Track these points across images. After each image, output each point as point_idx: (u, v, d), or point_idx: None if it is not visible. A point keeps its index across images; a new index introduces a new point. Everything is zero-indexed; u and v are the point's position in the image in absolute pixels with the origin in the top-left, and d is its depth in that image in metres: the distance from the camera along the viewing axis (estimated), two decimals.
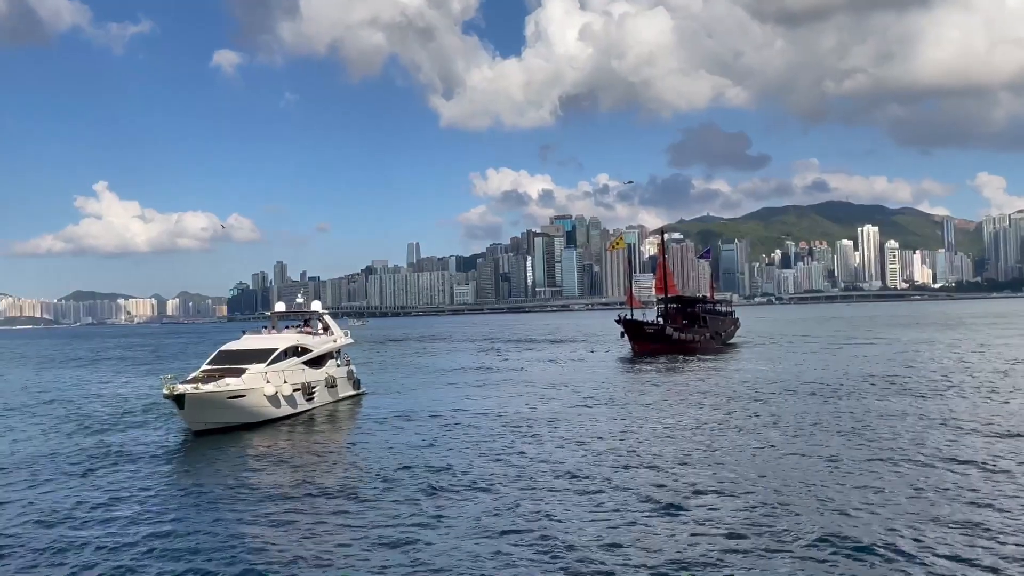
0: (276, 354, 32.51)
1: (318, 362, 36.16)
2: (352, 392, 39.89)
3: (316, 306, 42.73)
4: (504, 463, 22.57)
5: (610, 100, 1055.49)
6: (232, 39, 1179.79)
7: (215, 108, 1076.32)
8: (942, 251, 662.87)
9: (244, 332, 36.96)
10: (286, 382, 31.75)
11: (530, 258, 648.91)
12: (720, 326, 78.30)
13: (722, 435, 26.03)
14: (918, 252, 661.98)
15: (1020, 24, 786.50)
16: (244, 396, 29.84)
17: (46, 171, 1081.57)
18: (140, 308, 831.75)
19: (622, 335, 67.11)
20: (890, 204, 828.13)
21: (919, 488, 18.29)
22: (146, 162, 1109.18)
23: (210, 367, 31.70)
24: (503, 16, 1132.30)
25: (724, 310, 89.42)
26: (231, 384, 29.67)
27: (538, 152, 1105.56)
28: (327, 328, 40.66)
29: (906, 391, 35.87)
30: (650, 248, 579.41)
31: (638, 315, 70.14)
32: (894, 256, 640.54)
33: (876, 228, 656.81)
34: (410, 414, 33.44)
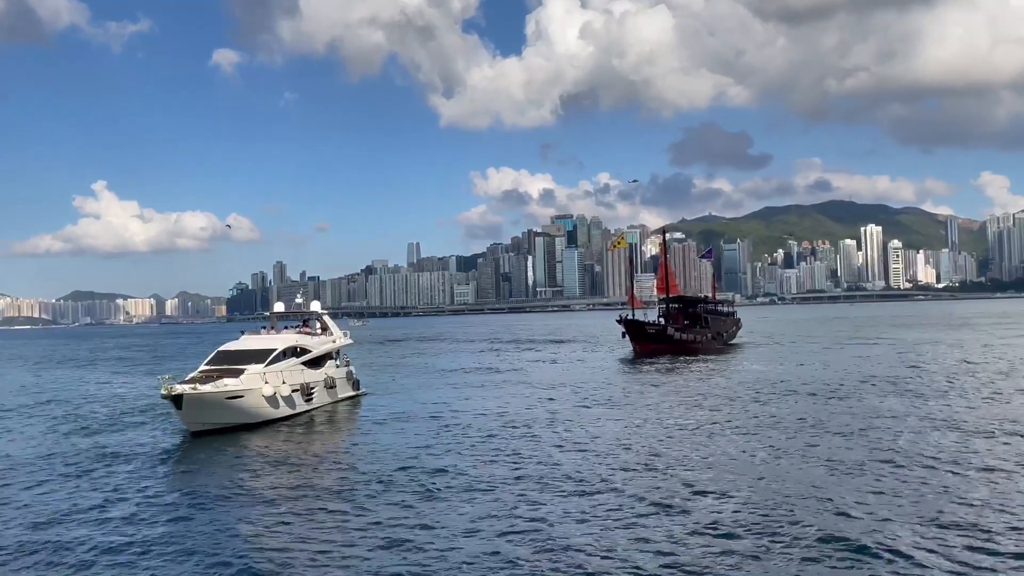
0: (275, 355, 32.41)
1: (317, 363, 36.03)
2: (351, 393, 39.74)
3: (315, 306, 42.67)
4: (504, 464, 22.44)
5: (611, 99, 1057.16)
6: (231, 38, 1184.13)
7: (214, 107, 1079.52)
8: (946, 251, 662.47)
9: (243, 332, 36.88)
10: (284, 383, 31.63)
11: (531, 258, 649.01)
12: (722, 326, 78.15)
13: (723, 436, 25.88)
14: (921, 252, 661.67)
15: (1022, 22, 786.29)
16: (242, 397, 29.73)
17: (44, 170, 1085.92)
18: (139, 308, 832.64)
19: (623, 335, 66.90)
20: (893, 203, 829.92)
21: (919, 489, 18.15)
22: (145, 162, 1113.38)
23: (208, 367, 31.61)
24: (503, 15, 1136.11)
25: (726, 310, 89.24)
26: (229, 385, 29.56)
27: (539, 151, 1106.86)
28: (326, 328, 40.55)
29: (908, 392, 35.67)
30: (652, 248, 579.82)
31: (639, 315, 69.92)
32: (897, 256, 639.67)
33: (879, 228, 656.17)
34: (410, 415, 33.32)
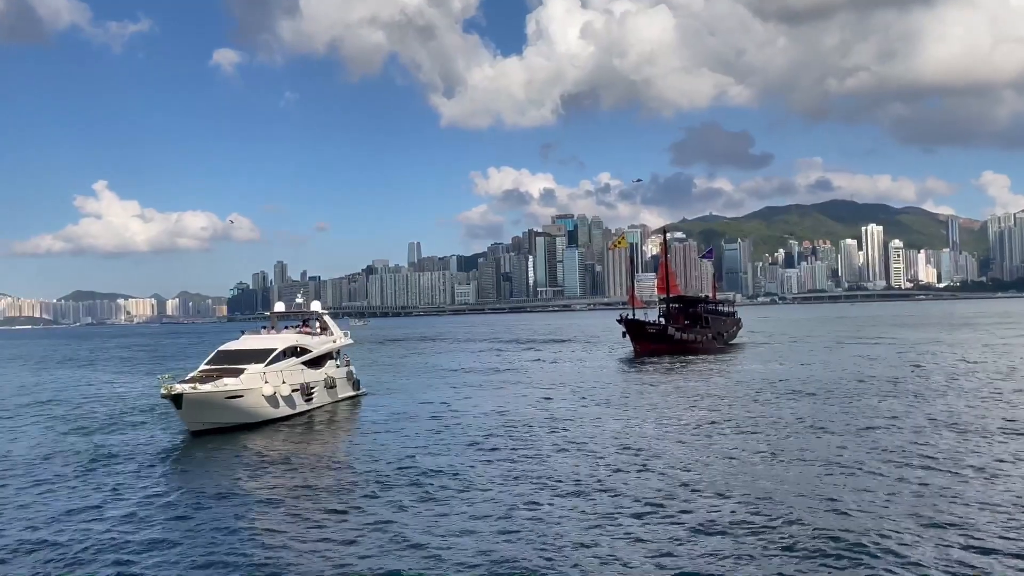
0: (275, 354, 32.41)
1: (317, 362, 36.03)
2: (351, 393, 39.73)
3: (316, 306, 42.66)
4: (503, 464, 22.42)
5: (612, 98, 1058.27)
6: (231, 38, 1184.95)
7: (214, 107, 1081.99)
8: (947, 250, 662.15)
9: (243, 332, 36.88)
10: (284, 382, 31.62)
11: (531, 258, 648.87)
12: (722, 326, 78.12)
13: (723, 436, 25.88)
14: (922, 251, 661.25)
15: (1023, 21, 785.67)
16: (242, 396, 29.73)
17: (45, 170, 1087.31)
18: (140, 308, 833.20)
19: (624, 335, 66.95)
20: (894, 203, 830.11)
21: (919, 489, 18.12)
22: (145, 161, 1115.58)
23: (208, 367, 31.62)
24: (504, 14, 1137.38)
25: (726, 310, 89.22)
26: (229, 384, 29.56)
27: (539, 151, 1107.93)
28: (326, 328, 40.54)
29: (908, 392, 35.64)
30: (652, 248, 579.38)
31: (640, 315, 69.91)
32: (898, 255, 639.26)
33: (880, 227, 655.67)
34: (410, 415, 33.31)
